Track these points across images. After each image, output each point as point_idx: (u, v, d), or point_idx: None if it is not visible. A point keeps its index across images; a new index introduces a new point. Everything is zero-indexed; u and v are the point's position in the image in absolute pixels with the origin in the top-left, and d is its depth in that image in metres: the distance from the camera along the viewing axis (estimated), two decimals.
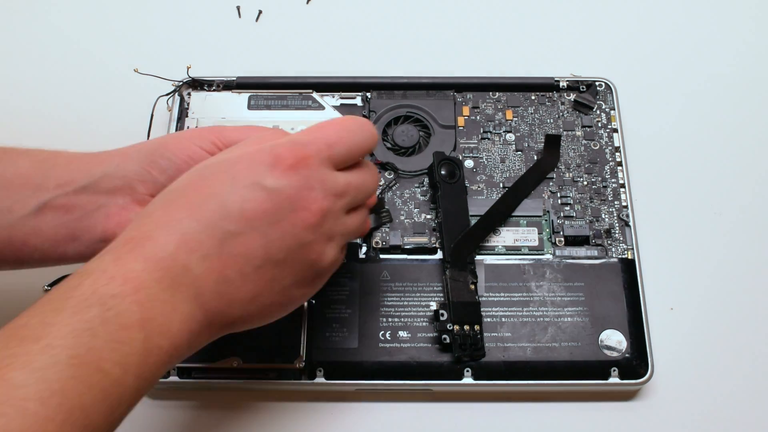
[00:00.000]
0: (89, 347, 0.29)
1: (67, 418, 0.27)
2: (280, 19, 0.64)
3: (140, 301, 0.31)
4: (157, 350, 0.31)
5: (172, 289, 0.32)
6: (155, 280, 0.31)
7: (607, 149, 0.53)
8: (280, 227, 0.34)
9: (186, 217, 0.33)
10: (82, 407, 0.28)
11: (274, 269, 0.35)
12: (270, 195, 0.34)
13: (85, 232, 0.40)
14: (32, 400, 0.27)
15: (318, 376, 0.46)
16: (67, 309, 0.29)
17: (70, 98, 0.59)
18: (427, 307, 0.48)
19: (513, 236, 0.50)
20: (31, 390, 0.27)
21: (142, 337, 0.30)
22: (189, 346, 0.33)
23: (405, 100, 0.55)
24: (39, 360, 0.28)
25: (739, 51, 0.61)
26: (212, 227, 0.33)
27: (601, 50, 0.62)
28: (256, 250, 0.34)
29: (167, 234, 0.33)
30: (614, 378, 0.46)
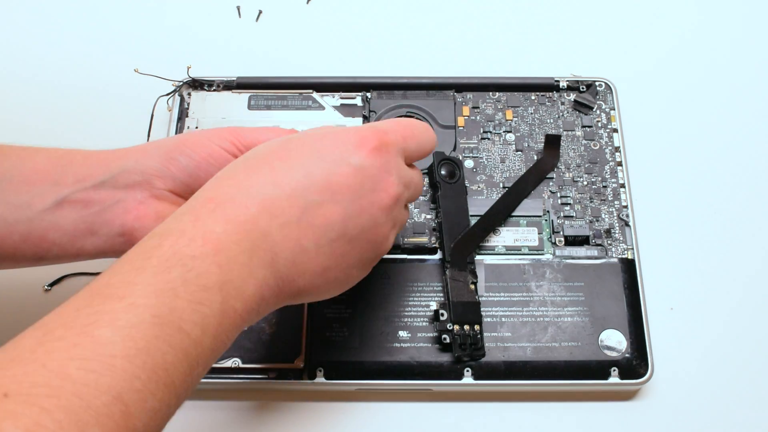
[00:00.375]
0: (171, 307, 0.29)
1: (151, 377, 0.27)
2: (280, 19, 0.64)
3: (220, 263, 0.31)
4: (233, 312, 0.31)
5: (251, 252, 0.32)
6: (234, 243, 0.32)
7: (607, 149, 0.53)
8: (360, 204, 0.35)
9: (269, 183, 0.34)
10: (165, 366, 0.28)
11: (347, 245, 0.35)
12: (355, 171, 0.35)
13: (104, 226, 0.40)
14: (119, 357, 0.27)
15: (318, 376, 0.46)
16: (148, 269, 0.29)
17: (70, 98, 0.59)
18: (427, 307, 0.48)
19: (513, 236, 0.50)
20: (118, 347, 0.27)
21: (220, 299, 0.30)
22: (258, 312, 0.33)
23: (405, 100, 0.55)
24: (124, 318, 0.28)
25: (740, 51, 0.61)
26: (296, 196, 0.34)
27: (601, 50, 0.62)
28: (335, 223, 0.35)
29: (249, 197, 0.33)
30: (614, 378, 0.46)
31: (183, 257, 0.30)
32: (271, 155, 0.36)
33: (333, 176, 0.35)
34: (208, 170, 0.40)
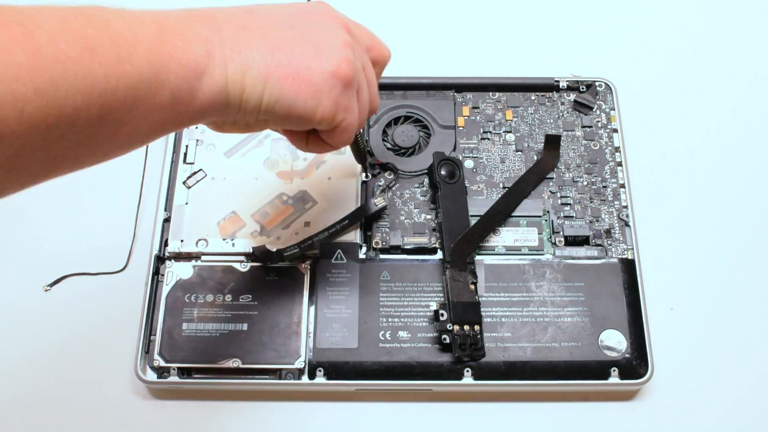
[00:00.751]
0: (106, 20, 0.29)
1: (68, 34, 0.27)
2: None
3: (157, 19, 0.31)
4: (171, 46, 0.31)
5: (192, 19, 0.33)
6: (178, 14, 0.33)
7: (607, 149, 0.53)
8: (309, 17, 0.37)
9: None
10: (89, 42, 0.28)
11: (294, 33, 0.36)
12: (309, 4, 0.37)
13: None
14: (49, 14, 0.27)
15: (318, 376, 0.46)
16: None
17: None
18: (427, 307, 0.48)
19: (513, 236, 0.50)
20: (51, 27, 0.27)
21: (155, 30, 0.31)
22: (208, 69, 0.32)
23: (405, 100, 0.55)
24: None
25: (740, 51, 0.61)
26: (246, 8, 0.35)
27: (601, 50, 0.62)
28: (282, 19, 0.36)
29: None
30: (614, 378, 0.46)
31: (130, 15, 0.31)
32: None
33: (288, 6, 0.37)
34: None
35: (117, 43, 0.29)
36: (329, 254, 0.49)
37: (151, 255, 0.49)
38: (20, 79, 0.25)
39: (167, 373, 0.46)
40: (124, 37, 0.29)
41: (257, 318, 0.47)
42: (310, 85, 0.35)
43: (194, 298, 0.48)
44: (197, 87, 0.32)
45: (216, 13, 0.34)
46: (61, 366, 0.48)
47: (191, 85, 0.32)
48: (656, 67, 0.61)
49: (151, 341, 0.47)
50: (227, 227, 0.50)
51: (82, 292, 0.51)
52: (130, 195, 0.54)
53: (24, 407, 0.47)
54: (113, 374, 0.48)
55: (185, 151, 0.53)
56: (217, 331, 0.47)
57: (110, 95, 0.28)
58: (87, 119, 0.28)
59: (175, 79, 0.31)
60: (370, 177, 0.52)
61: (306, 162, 0.52)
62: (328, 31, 0.37)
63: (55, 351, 0.49)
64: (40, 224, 0.53)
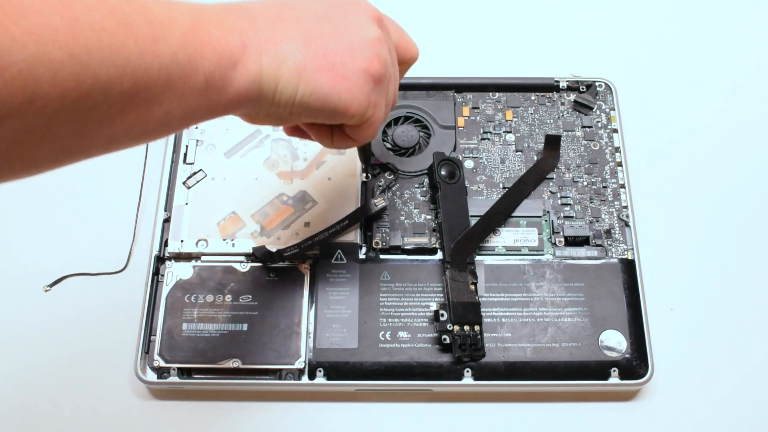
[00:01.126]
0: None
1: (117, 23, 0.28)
2: None
3: (194, 7, 0.32)
4: (206, 33, 0.31)
5: (228, 10, 0.33)
6: (213, 6, 0.33)
7: (607, 149, 0.53)
8: (345, 7, 0.37)
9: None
10: (123, 16, 0.28)
11: (328, 25, 0.36)
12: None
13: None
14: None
15: (318, 376, 0.46)
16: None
17: None
18: (427, 308, 0.48)
19: (513, 236, 0.50)
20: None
21: (190, 18, 0.31)
22: (243, 58, 0.32)
23: (405, 101, 0.55)
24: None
25: (739, 51, 0.61)
26: (280, 0, 0.36)
27: (601, 50, 0.62)
28: (318, 9, 0.36)
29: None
30: (614, 378, 0.46)
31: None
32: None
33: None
34: None
35: (153, 24, 0.29)
36: (329, 254, 0.49)
37: (151, 255, 0.49)
38: (56, 43, 0.26)
39: (167, 373, 0.46)
40: (160, 19, 0.29)
41: (257, 318, 0.47)
42: (345, 79, 0.35)
43: (194, 299, 0.48)
44: (231, 76, 0.32)
45: (251, 6, 0.34)
46: (61, 366, 0.48)
47: (225, 73, 0.32)
48: (656, 67, 0.61)
49: (151, 341, 0.47)
50: (227, 227, 0.50)
51: (82, 292, 0.51)
52: (130, 195, 0.54)
53: (24, 407, 0.47)
54: (113, 374, 0.48)
55: (185, 152, 0.53)
56: (217, 331, 0.47)
57: (143, 73, 0.28)
58: (120, 93, 0.28)
59: (209, 66, 0.31)
60: (370, 177, 0.52)
61: (306, 162, 0.52)
62: (362, 25, 0.37)
63: (55, 351, 0.49)
64: (40, 224, 0.53)
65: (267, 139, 0.53)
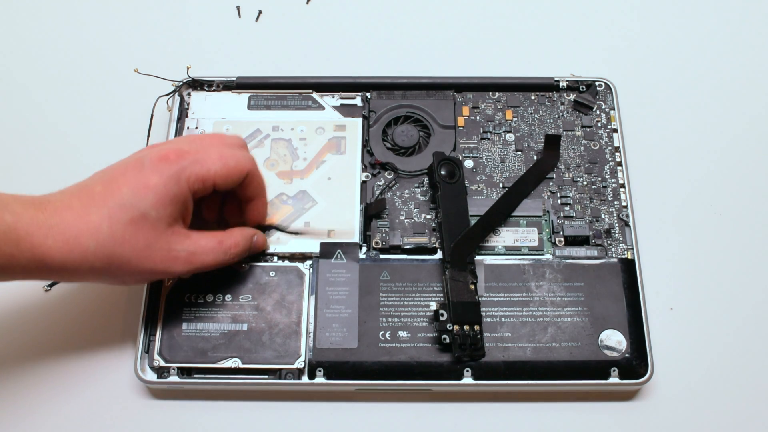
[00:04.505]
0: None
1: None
2: (280, 19, 0.64)
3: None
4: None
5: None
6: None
7: (607, 149, 0.53)
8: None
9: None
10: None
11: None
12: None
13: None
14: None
15: (318, 376, 0.46)
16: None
17: (70, 98, 0.59)
18: (427, 307, 0.48)
19: (513, 236, 0.50)
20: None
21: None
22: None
23: (405, 100, 0.55)
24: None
25: (739, 51, 0.61)
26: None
27: (601, 50, 0.62)
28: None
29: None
30: (614, 378, 0.46)
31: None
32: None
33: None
34: None
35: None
36: (329, 254, 0.49)
37: None
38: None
39: (167, 373, 0.46)
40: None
41: (257, 318, 0.47)
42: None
43: (194, 298, 0.48)
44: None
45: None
46: (61, 366, 0.48)
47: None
48: (656, 67, 0.61)
49: (151, 341, 0.47)
50: None
51: (82, 293, 0.51)
52: None
53: (24, 407, 0.47)
54: (113, 374, 0.48)
55: None
56: (217, 331, 0.47)
57: None
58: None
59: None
60: (370, 177, 0.52)
61: (306, 162, 0.52)
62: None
63: (55, 351, 0.49)
64: None
65: (267, 139, 0.53)
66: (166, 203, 0.42)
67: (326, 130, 0.54)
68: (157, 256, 0.42)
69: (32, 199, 0.41)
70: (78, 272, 0.41)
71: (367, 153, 0.53)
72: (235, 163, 0.44)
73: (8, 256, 0.39)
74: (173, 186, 0.42)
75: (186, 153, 0.43)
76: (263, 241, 0.49)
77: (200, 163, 0.43)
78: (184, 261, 0.43)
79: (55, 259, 0.40)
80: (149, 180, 0.41)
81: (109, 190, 0.41)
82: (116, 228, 0.41)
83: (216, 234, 0.45)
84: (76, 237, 0.40)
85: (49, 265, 0.40)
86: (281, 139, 0.53)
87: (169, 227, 0.42)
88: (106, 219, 0.41)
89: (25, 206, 0.40)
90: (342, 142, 0.53)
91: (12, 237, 0.39)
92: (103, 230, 0.40)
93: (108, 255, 0.41)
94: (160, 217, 0.42)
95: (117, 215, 0.41)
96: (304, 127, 0.54)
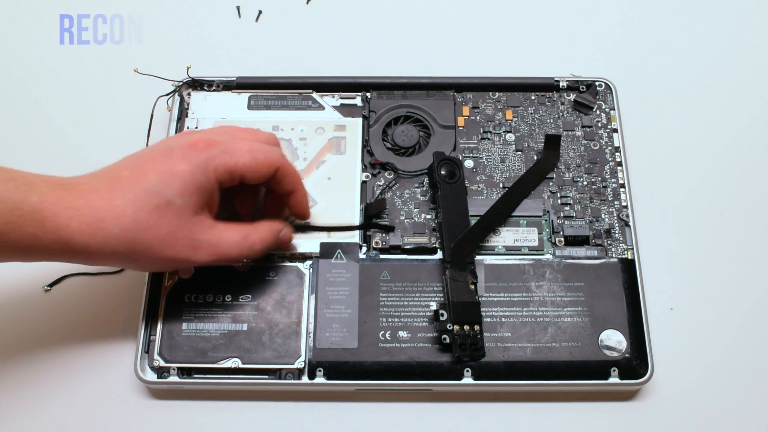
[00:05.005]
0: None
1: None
2: (280, 19, 0.64)
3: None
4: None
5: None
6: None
7: (607, 149, 0.53)
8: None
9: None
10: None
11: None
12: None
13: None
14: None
15: (318, 376, 0.46)
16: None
17: (70, 98, 0.59)
18: (427, 307, 0.48)
19: (513, 236, 0.50)
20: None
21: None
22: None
23: (405, 100, 0.55)
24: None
25: (739, 51, 0.61)
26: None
27: (601, 50, 0.62)
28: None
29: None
30: (614, 378, 0.46)
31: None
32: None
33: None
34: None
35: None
36: (329, 254, 0.49)
37: None
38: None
39: (167, 373, 0.46)
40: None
41: (257, 318, 0.47)
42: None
43: (194, 298, 0.48)
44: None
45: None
46: (61, 366, 0.48)
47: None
48: (656, 67, 0.61)
49: (151, 341, 0.47)
50: None
51: (82, 292, 0.51)
52: None
53: (24, 407, 0.47)
54: (113, 374, 0.48)
55: None
56: (217, 331, 0.47)
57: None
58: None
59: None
60: (370, 177, 0.52)
61: (306, 162, 0.52)
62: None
63: (55, 351, 0.49)
64: None
65: None
66: (192, 191, 0.42)
67: (326, 130, 0.54)
68: (179, 245, 0.42)
69: (60, 180, 0.41)
70: (100, 255, 0.41)
71: (367, 153, 0.53)
72: (265, 157, 0.44)
73: (32, 237, 0.39)
74: (200, 174, 0.42)
75: (216, 143, 0.43)
76: (290, 237, 0.48)
77: (229, 154, 0.43)
78: (207, 251, 0.43)
79: (78, 242, 0.40)
80: (176, 167, 0.42)
81: (136, 175, 0.42)
82: (140, 214, 0.41)
83: (243, 227, 0.45)
84: (100, 221, 0.40)
85: (72, 247, 0.40)
86: (281, 139, 0.53)
87: (194, 216, 0.42)
88: (131, 204, 0.41)
89: (51, 187, 0.40)
90: (342, 142, 0.53)
91: (37, 218, 0.39)
92: (128, 215, 0.41)
93: (131, 240, 0.41)
94: (185, 204, 0.42)
95: (142, 201, 0.41)
96: (304, 127, 0.54)
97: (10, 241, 0.39)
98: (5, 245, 0.40)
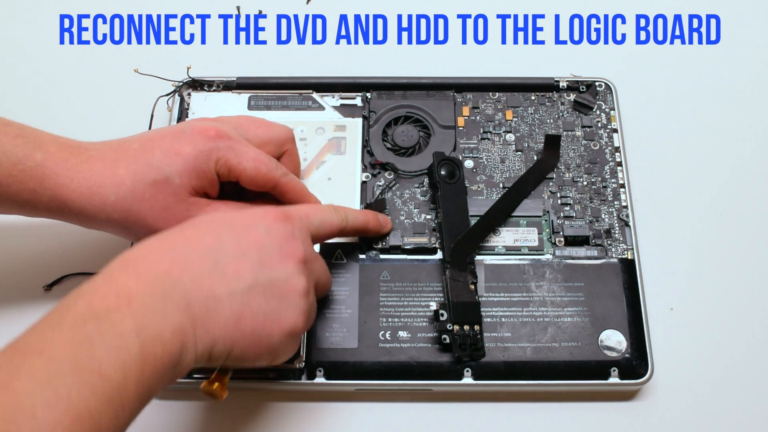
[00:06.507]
0: (89, 355, 0.30)
1: (75, 422, 0.28)
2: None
3: (133, 312, 0.32)
4: (153, 357, 0.32)
5: (164, 299, 0.33)
6: (147, 293, 0.33)
7: (607, 149, 0.53)
8: (269, 259, 0.38)
9: (180, 243, 0.36)
10: (89, 411, 0.29)
11: (259, 296, 0.37)
12: (262, 233, 0.38)
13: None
14: (40, 407, 0.28)
15: (318, 376, 0.46)
16: (64, 325, 0.31)
17: (70, 98, 0.59)
18: (427, 307, 0.48)
19: (513, 236, 0.50)
20: (38, 398, 0.28)
21: (138, 344, 0.31)
22: (180, 362, 0.34)
23: (405, 101, 0.55)
24: (43, 371, 0.29)
25: (739, 50, 0.61)
26: (206, 252, 0.36)
27: (601, 50, 0.62)
28: (246, 274, 0.37)
29: (161, 255, 0.35)
30: (614, 378, 0.46)
31: (97, 311, 0.31)
32: (183, 227, 0.38)
33: (242, 237, 0.37)
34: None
35: (112, 400, 0.30)
36: (329, 254, 0.49)
37: None
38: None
39: None
40: (116, 385, 0.30)
41: None
42: (269, 349, 0.38)
43: None
44: (170, 375, 0.34)
45: (184, 280, 0.34)
46: None
47: (165, 376, 0.33)
48: (656, 67, 0.61)
49: None
50: None
51: None
52: None
53: None
54: None
55: None
56: None
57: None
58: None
59: (152, 382, 0.32)
60: (370, 177, 0.52)
61: (306, 162, 0.52)
62: (288, 280, 0.38)
63: None
64: (40, 224, 0.53)
65: None
66: (191, 174, 0.43)
67: (326, 131, 0.54)
68: (173, 220, 0.42)
69: (70, 143, 0.43)
70: (96, 220, 0.43)
71: (367, 153, 0.53)
72: (267, 171, 0.44)
73: (31, 192, 0.41)
74: (202, 160, 0.43)
75: (226, 136, 0.44)
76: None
77: (234, 153, 0.43)
78: None
79: (75, 203, 0.42)
80: (182, 148, 0.42)
81: (143, 149, 0.43)
82: (138, 186, 0.42)
83: (241, 206, 0.45)
84: (98, 186, 0.42)
85: (69, 206, 0.42)
86: None
87: (190, 196, 0.43)
88: (131, 175, 0.42)
89: (59, 147, 0.42)
90: (342, 142, 0.53)
91: (38, 173, 0.41)
92: (126, 185, 0.42)
93: (126, 209, 0.42)
94: (182, 184, 0.42)
95: (142, 173, 0.42)
96: (304, 127, 0.54)
97: (10, 194, 0.41)
98: (6, 197, 0.41)
